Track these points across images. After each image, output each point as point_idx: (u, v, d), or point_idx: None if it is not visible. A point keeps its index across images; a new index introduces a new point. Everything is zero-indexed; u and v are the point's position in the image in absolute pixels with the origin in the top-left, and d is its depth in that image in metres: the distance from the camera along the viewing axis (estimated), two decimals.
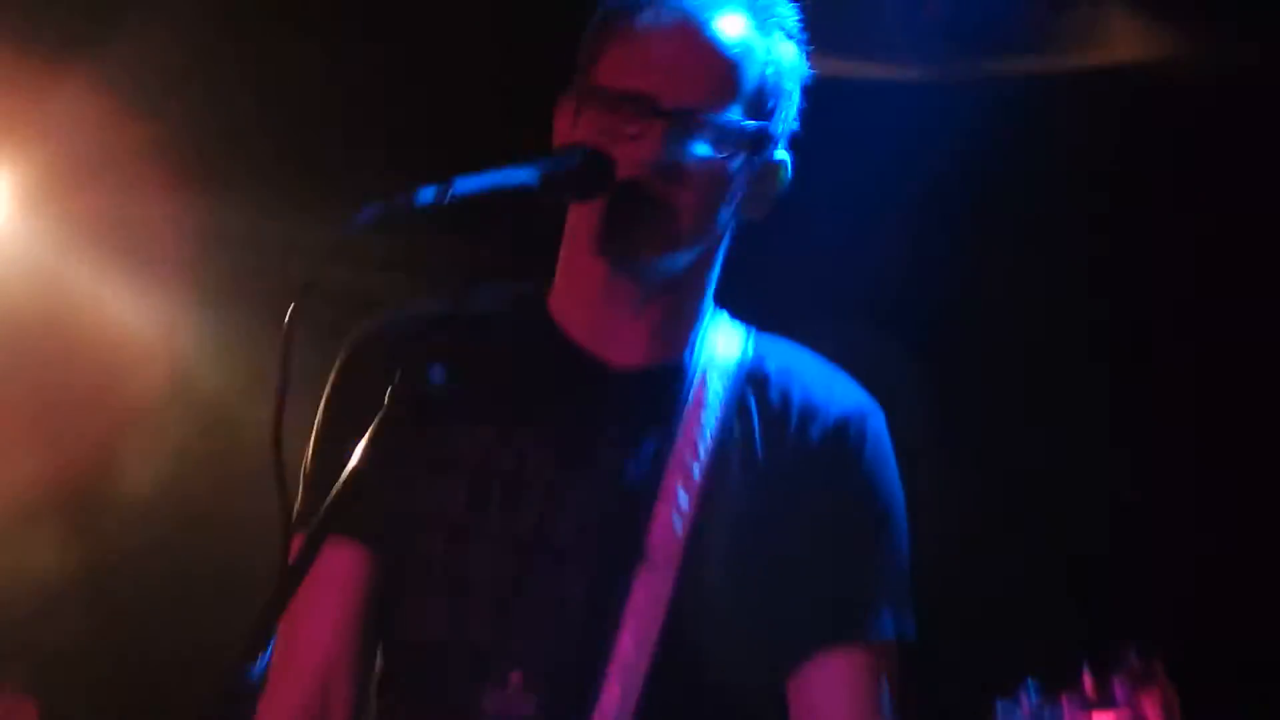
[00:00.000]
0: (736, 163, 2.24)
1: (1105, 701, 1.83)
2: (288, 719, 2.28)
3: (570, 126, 2.27)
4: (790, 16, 2.32)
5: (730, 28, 2.25)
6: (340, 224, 1.96)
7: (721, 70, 2.22)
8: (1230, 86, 3.55)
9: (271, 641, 1.89)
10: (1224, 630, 3.45)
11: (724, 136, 2.21)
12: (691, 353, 2.32)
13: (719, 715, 2.28)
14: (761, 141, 2.27)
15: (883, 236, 3.69)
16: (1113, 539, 3.67)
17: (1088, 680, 1.84)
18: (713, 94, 2.21)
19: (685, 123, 2.19)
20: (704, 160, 2.20)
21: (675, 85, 2.20)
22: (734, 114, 2.22)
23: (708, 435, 2.27)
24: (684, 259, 2.27)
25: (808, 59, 2.33)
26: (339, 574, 2.29)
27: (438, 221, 2.01)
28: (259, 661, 1.87)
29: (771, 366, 2.34)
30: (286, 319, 1.97)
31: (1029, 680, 1.88)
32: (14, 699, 4.60)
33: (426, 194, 1.99)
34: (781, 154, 2.32)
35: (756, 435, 2.30)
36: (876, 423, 2.34)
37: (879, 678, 2.29)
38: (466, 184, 2.03)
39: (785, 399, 2.31)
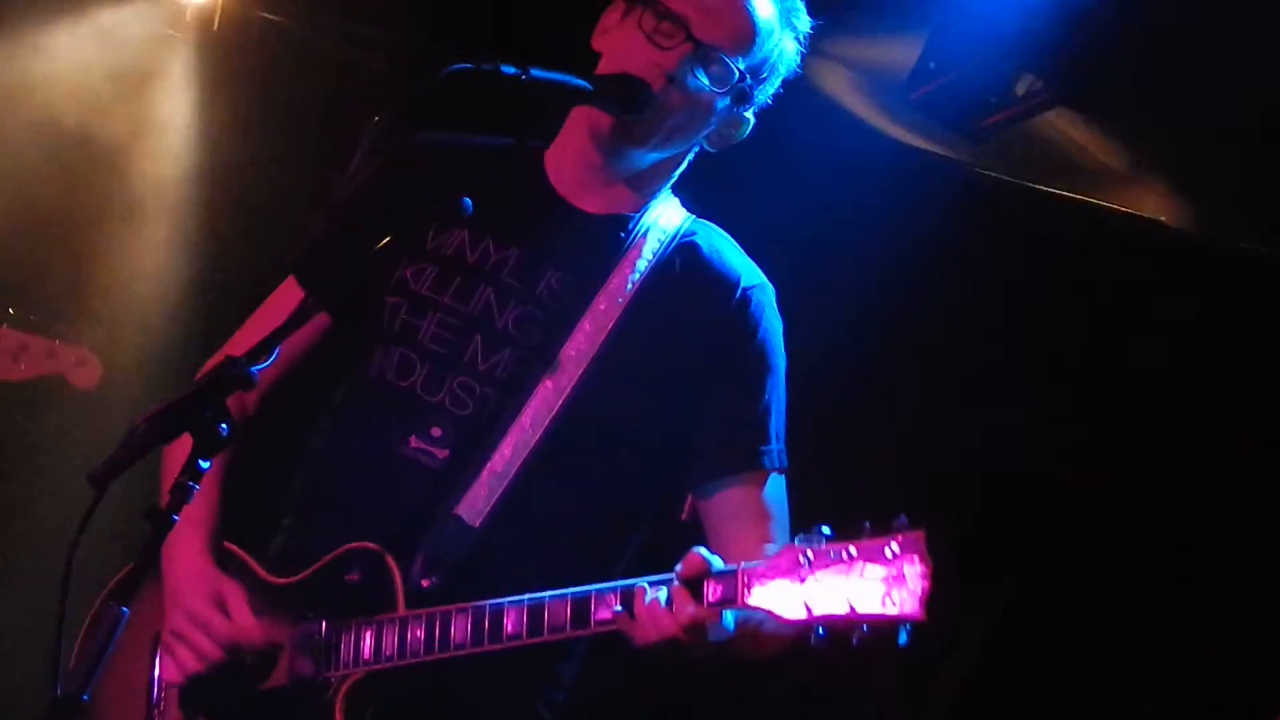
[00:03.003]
0: (721, 103, 2.97)
1: (875, 556, 2.44)
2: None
3: (619, 19, 2.98)
4: (805, 24, 3.08)
5: (765, 8, 2.99)
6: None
7: (747, 31, 2.97)
8: None
9: (271, 357, 2.52)
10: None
11: (724, 78, 2.94)
12: (640, 216, 3.03)
13: (587, 495, 2.93)
14: (744, 97, 3.00)
15: None
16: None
17: (865, 534, 2.46)
18: (732, 45, 2.94)
19: (704, 54, 2.91)
20: (702, 88, 2.91)
21: (710, 24, 2.92)
22: (738, 66, 2.92)
23: (638, 276, 2.97)
24: (651, 156, 3.00)
25: (799, 61, 3.07)
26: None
27: (507, 87, 2.73)
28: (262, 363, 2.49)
29: (700, 239, 3.06)
30: (365, 135, 2.64)
31: (822, 526, 2.50)
32: (79, 352, 5.00)
33: (509, 68, 2.68)
34: (750, 115, 3.05)
35: (678, 287, 2.99)
36: (772, 297, 3.04)
37: (778, 498, 2.97)
38: (540, 71, 2.75)
39: (706, 264, 3.03)
